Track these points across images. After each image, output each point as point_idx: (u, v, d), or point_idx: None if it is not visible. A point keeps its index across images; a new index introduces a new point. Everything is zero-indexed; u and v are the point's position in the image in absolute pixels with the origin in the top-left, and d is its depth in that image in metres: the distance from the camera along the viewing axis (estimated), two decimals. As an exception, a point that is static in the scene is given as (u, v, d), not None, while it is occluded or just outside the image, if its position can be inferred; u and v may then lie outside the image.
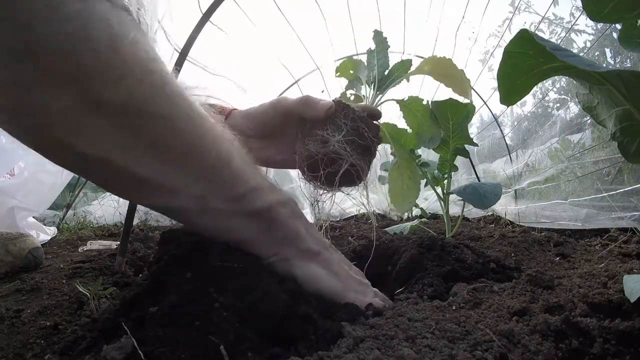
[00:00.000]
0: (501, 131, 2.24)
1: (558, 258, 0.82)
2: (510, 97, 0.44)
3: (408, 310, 0.44)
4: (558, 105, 2.13)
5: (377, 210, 2.48)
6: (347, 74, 0.85)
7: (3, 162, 1.32)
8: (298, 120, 0.57)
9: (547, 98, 2.23)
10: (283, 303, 0.38)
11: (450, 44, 1.93)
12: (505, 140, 2.23)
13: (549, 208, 1.50)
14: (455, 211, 1.91)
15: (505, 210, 1.74)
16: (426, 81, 1.89)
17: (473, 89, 1.95)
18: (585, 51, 1.71)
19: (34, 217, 1.42)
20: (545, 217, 1.45)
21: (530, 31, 0.37)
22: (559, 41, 1.79)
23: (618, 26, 0.60)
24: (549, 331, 0.38)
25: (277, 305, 0.37)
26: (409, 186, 0.86)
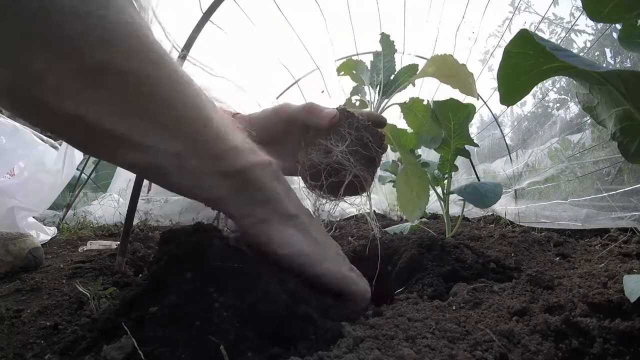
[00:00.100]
0: (501, 131, 2.24)
1: (558, 258, 0.82)
2: (510, 97, 0.44)
3: (408, 310, 0.44)
4: (558, 105, 2.13)
5: (377, 210, 2.48)
6: (351, 74, 0.84)
7: (3, 162, 1.32)
8: (301, 127, 0.56)
9: (547, 98, 2.23)
10: (283, 303, 0.38)
11: (450, 44, 1.94)
12: (505, 140, 2.23)
13: (549, 208, 1.50)
14: (455, 211, 1.91)
15: (505, 210, 1.75)
16: (426, 80, 1.89)
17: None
18: (585, 51, 1.71)
19: (34, 217, 1.42)
20: (545, 217, 1.45)
21: (530, 31, 0.37)
22: (559, 41, 1.79)
23: (618, 26, 0.60)
24: (549, 331, 0.38)
25: (277, 305, 0.37)
26: (418, 193, 0.85)
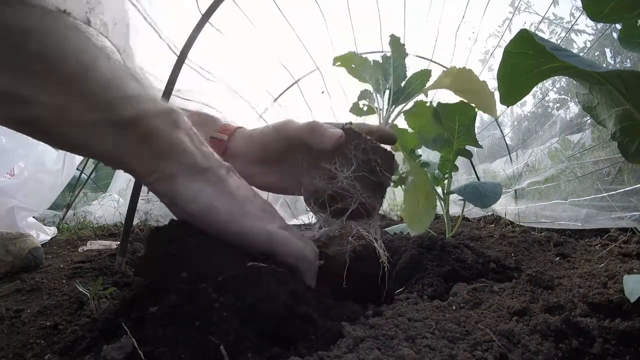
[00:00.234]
0: (501, 131, 2.24)
1: (558, 258, 0.82)
2: (510, 97, 0.44)
3: (408, 310, 0.44)
4: (558, 105, 2.13)
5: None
6: (349, 67, 0.81)
7: (3, 162, 1.32)
8: (303, 146, 0.51)
9: (547, 98, 2.23)
10: (283, 303, 0.38)
11: (450, 44, 1.94)
12: (505, 140, 2.23)
13: (549, 208, 1.50)
14: (455, 211, 1.91)
15: (505, 210, 1.75)
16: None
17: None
18: (585, 51, 1.71)
19: (34, 217, 1.42)
20: (545, 217, 1.45)
21: (530, 31, 0.37)
22: (559, 41, 1.79)
23: (618, 26, 0.60)
24: (549, 331, 0.38)
25: (277, 305, 0.37)
26: (425, 207, 0.84)
